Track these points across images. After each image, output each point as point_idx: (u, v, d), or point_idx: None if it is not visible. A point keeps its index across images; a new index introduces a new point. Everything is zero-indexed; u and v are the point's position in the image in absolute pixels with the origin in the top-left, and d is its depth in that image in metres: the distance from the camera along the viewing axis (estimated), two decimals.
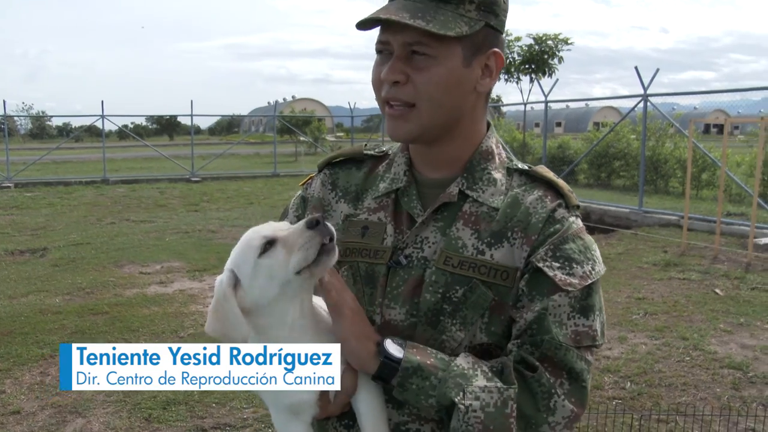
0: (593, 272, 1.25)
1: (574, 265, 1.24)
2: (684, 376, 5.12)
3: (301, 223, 1.19)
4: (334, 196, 1.44)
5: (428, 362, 1.16)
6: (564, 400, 1.19)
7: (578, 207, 1.33)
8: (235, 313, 1.18)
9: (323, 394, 1.23)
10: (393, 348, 1.19)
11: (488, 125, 1.40)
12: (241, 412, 4.52)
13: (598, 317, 1.25)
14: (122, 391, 4.85)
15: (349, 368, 1.22)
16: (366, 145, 1.51)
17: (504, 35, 1.36)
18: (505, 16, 1.33)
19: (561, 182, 1.33)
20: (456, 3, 1.24)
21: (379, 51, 1.29)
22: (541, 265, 1.23)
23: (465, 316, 1.25)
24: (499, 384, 1.16)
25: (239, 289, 1.19)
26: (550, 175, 1.34)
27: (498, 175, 1.34)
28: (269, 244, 1.18)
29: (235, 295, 1.19)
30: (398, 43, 1.24)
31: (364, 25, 1.26)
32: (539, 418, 1.17)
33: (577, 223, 1.30)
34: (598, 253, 1.30)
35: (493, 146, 1.37)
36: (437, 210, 1.31)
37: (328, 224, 1.19)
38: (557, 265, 1.23)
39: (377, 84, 1.30)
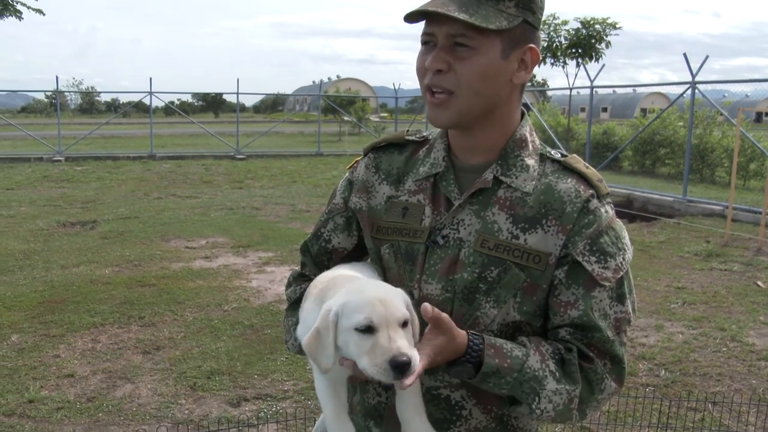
0: (624, 262, 1.38)
1: (609, 259, 1.36)
2: (719, 367, 5.14)
3: (393, 352, 1.19)
4: (377, 178, 1.55)
5: (504, 365, 1.29)
6: (610, 381, 1.36)
7: (608, 194, 1.43)
8: (329, 345, 1.25)
9: None
10: (466, 366, 1.29)
11: (522, 114, 1.49)
12: (282, 384, 4.68)
13: (630, 299, 1.40)
14: (169, 360, 5.06)
15: None
16: (408, 131, 1.61)
17: (540, 31, 1.44)
18: (542, 14, 1.42)
19: (591, 172, 1.43)
20: None
21: (424, 42, 1.39)
22: (580, 259, 1.35)
23: (499, 294, 1.36)
24: (568, 386, 1.32)
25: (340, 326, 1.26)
26: (581, 165, 1.44)
27: (531, 162, 1.43)
28: (369, 329, 1.21)
29: (336, 329, 1.26)
30: (442, 34, 1.34)
31: (411, 17, 1.36)
32: (591, 399, 1.36)
33: (608, 212, 1.40)
34: (627, 239, 1.42)
35: (527, 134, 1.46)
36: (473, 194, 1.41)
37: (408, 373, 1.19)
38: (594, 259, 1.35)
39: (421, 72, 1.40)
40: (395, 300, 1.26)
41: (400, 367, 1.18)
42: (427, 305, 1.23)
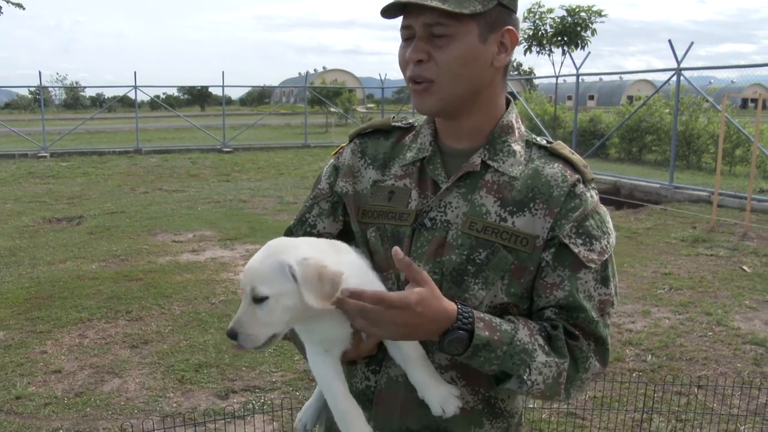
0: (608, 246, 1.40)
1: (594, 242, 1.38)
2: (705, 351, 5.18)
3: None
4: (363, 163, 1.55)
5: (495, 338, 1.29)
6: (594, 361, 1.37)
7: (593, 180, 1.45)
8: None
9: (356, 333, 1.35)
10: (456, 336, 1.27)
11: (508, 101, 1.50)
12: (270, 375, 4.68)
13: (613, 282, 1.41)
14: (156, 354, 5.05)
15: None
16: (394, 117, 1.62)
17: (520, 15, 1.44)
18: None
19: (576, 158, 1.45)
20: None
21: (403, 35, 1.40)
22: (567, 241, 1.36)
23: (487, 276, 1.37)
24: (557, 359, 1.32)
25: None
26: (567, 151, 1.45)
27: (517, 147, 1.44)
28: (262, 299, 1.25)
29: None
30: (419, 24, 1.35)
31: (387, 12, 1.37)
32: (576, 377, 1.36)
33: (593, 197, 1.42)
34: (610, 224, 1.44)
35: (513, 121, 1.48)
36: (460, 178, 1.42)
37: (239, 344, 1.26)
38: (580, 241, 1.37)
39: (403, 64, 1.41)
40: (258, 270, 1.27)
41: (230, 335, 1.24)
42: (396, 248, 1.24)
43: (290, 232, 1.64)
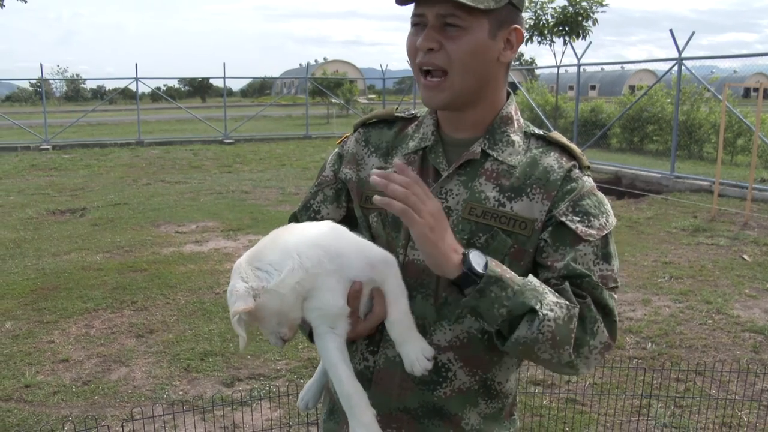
0: (608, 224, 1.43)
1: (592, 218, 1.41)
2: (705, 339, 5.23)
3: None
4: (367, 151, 1.61)
5: (507, 275, 1.31)
6: (603, 327, 1.36)
7: (589, 167, 1.51)
8: None
9: (353, 312, 1.39)
10: (475, 261, 1.31)
11: (508, 94, 1.55)
12: (275, 363, 4.74)
13: (616, 262, 1.43)
14: (162, 343, 5.11)
15: (379, 297, 1.40)
16: (397, 108, 1.68)
17: (525, 10, 1.49)
18: None
19: (573, 146, 1.50)
20: None
21: (414, 23, 1.44)
22: (563, 219, 1.40)
23: None
24: (566, 302, 1.32)
25: None
26: (563, 139, 1.51)
27: (516, 138, 1.49)
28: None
29: None
30: (433, 14, 1.39)
31: (404, 0, 1.41)
32: (584, 340, 1.34)
33: (589, 181, 1.47)
34: (609, 207, 1.48)
35: (513, 112, 1.53)
36: (461, 166, 1.47)
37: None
38: (577, 219, 1.40)
39: (412, 52, 1.45)
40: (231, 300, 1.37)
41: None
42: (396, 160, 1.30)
43: (295, 218, 1.69)
